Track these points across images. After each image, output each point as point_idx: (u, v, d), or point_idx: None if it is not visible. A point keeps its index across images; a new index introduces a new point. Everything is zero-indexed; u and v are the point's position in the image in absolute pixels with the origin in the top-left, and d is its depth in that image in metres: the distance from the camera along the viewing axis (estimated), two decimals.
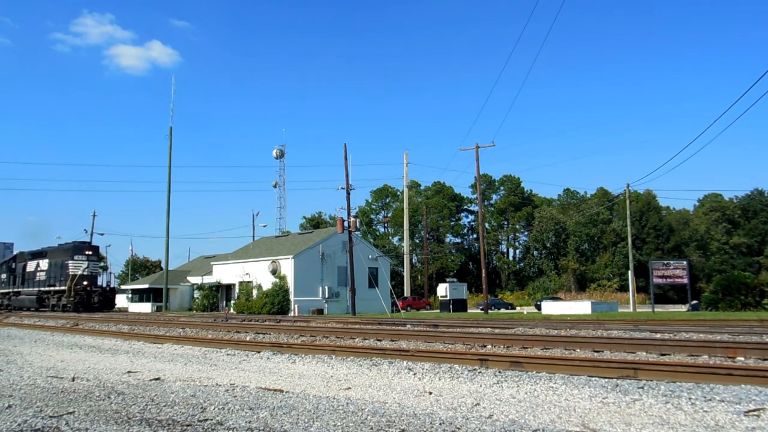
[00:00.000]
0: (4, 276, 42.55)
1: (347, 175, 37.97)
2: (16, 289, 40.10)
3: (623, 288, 65.81)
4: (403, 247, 71.45)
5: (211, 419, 4.61)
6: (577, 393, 5.53)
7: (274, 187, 64.17)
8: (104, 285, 36.90)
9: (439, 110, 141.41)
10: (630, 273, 47.69)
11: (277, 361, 8.87)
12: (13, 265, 41.51)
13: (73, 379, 7.03)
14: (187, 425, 4.42)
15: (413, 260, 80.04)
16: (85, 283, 34.43)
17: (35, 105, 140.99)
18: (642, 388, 5.66)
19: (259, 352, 9.87)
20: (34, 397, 5.74)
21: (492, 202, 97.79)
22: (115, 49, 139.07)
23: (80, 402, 5.44)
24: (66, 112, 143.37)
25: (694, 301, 49.34)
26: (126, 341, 13.34)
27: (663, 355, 8.01)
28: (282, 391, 5.93)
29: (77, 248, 35.88)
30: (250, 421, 4.51)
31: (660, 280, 45.52)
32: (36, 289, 37.59)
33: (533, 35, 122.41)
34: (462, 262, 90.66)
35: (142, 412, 4.94)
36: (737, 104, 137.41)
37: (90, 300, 33.80)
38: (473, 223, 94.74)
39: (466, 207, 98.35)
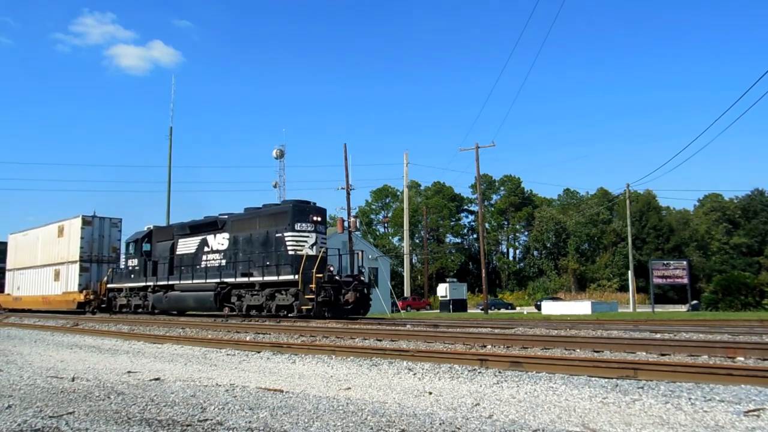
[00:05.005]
0: (133, 263, 27.56)
1: (347, 175, 38.00)
2: (160, 282, 25.35)
3: (623, 288, 65.83)
4: (403, 247, 71.44)
5: (211, 419, 4.61)
6: (577, 393, 5.52)
7: (274, 187, 64.08)
8: (355, 272, 22.00)
9: (439, 110, 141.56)
10: (630, 273, 47.71)
11: (277, 361, 8.87)
12: (148, 247, 26.93)
13: (73, 379, 7.03)
14: (187, 425, 4.42)
15: (413, 260, 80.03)
16: (331, 268, 21.19)
17: (36, 105, 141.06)
18: (642, 388, 5.66)
19: (259, 352, 9.87)
20: (34, 397, 5.74)
21: (492, 202, 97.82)
22: (116, 49, 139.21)
23: (80, 402, 5.44)
24: (67, 112, 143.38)
25: (694, 301, 49.38)
26: (126, 341, 13.34)
27: (663, 355, 8.00)
28: (282, 391, 5.93)
29: (299, 211, 21.03)
30: (250, 421, 4.51)
31: (660, 280, 45.53)
32: (213, 281, 22.40)
33: (534, 35, 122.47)
34: (462, 262, 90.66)
35: (142, 412, 4.94)
36: (737, 104, 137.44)
37: (338, 298, 19.84)
38: (473, 223, 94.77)
39: (466, 207, 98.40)
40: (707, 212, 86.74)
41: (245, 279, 21.38)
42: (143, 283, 26.26)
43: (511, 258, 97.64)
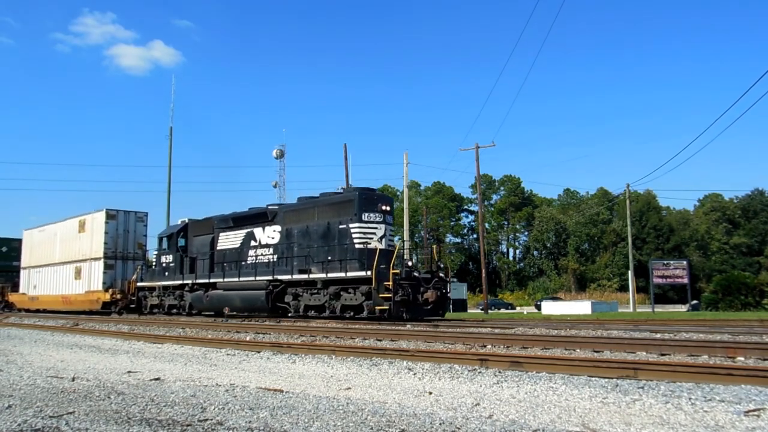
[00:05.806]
0: (167, 259, 25.18)
1: (347, 175, 38.00)
2: (200, 281, 23.10)
3: (623, 288, 65.82)
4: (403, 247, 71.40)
5: (211, 419, 4.61)
6: (577, 393, 5.52)
7: (274, 187, 64.20)
8: (434, 268, 19.90)
9: (439, 110, 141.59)
10: (630, 273, 47.69)
11: (277, 361, 8.87)
12: (183, 242, 24.85)
13: (73, 379, 7.03)
14: (187, 425, 4.42)
15: (413, 260, 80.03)
16: (410, 264, 19.41)
17: (36, 105, 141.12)
18: (642, 388, 5.66)
19: (259, 352, 9.87)
20: (34, 397, 5.74)
21: (492, 202, 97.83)
22: (116, 49, 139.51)
23: (80, 402, 5.44)
24: (67, 112, 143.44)
25: (694, 301, 49.40)
26: (126, 341, 13.34)
27: (663, 355, 8.00)
28: (282, 391, 5.93)
29: (366, 199, 18.79)
30: (250, 421, 4.51)
31: (660, 280, 45.52)
32: (264, 278, 20.24)
33: (534, 35, 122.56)
34: (462, 262, 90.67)
35: (142, 412, 4.94)
36: (737, 104, 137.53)
37: (416, 297, 17.63)
38: (473, 223, 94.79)
39: (466, 207, 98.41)
40: (707, 212, 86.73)
41: (304, 276, 19.15)
42: (180, 282, 24.13)
43: (511, 258, 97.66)
